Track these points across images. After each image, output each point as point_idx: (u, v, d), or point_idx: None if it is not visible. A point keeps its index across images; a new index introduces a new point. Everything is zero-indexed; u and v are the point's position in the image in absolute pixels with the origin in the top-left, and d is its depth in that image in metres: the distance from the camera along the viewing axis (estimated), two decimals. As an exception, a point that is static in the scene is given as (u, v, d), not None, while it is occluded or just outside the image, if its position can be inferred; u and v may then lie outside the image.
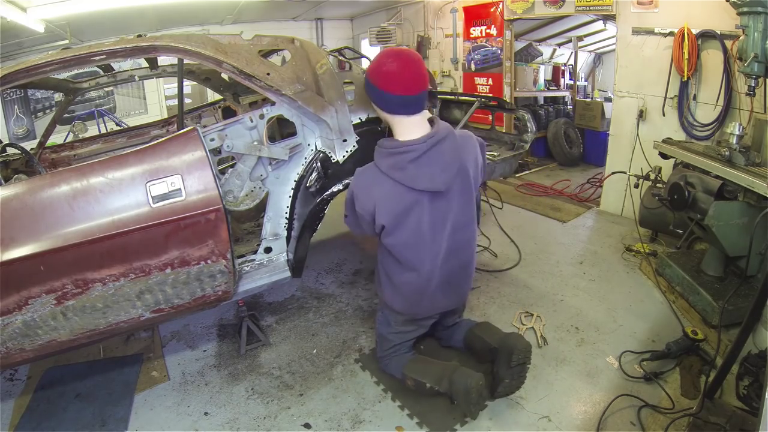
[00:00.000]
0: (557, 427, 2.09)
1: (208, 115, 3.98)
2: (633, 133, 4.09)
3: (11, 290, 1.79)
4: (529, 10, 5.00)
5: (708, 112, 3.50)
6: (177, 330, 2.92)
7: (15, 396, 2.41)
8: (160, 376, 2.51)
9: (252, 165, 2.27)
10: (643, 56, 3.91)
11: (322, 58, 2.46)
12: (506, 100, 4.26)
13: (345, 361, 2.56)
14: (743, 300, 2.50)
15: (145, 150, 1.99)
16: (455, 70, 6.24)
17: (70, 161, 3.38)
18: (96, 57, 2.12)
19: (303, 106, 2.32)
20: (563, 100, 7.18)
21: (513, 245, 3.86)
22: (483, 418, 2.14)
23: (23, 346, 1.93)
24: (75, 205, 1.84)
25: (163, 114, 7.02)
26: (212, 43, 2.23)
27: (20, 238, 1.77)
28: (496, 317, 2.89)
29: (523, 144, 3.28)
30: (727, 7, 2.86)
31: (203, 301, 2.21)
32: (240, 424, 2.18)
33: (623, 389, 2.27)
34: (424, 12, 6.49)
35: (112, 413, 2.25)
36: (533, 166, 6.26)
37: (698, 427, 1.88)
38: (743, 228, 2.47)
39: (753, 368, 2.05)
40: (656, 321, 2.81)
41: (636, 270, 3.43)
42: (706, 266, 2.89)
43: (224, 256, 2.09)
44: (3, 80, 1.97)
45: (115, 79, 3.36)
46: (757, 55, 2.53)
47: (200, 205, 1.98)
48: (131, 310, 2.04)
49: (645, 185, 3.59)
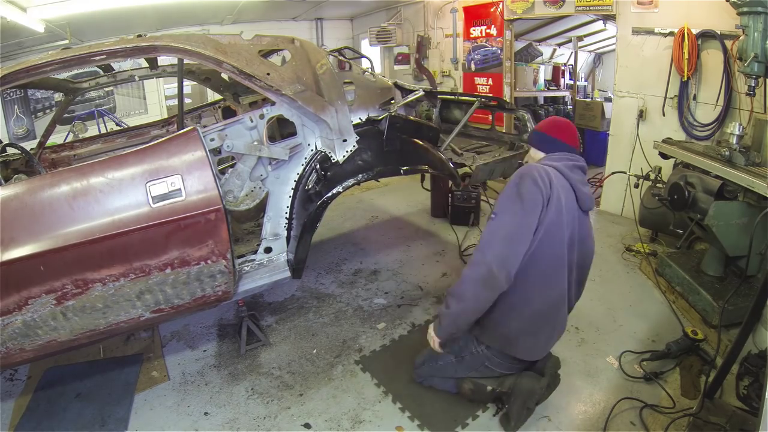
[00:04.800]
0: (557, 427, 2.09)
1: (208, 115, 3.98)
2: (633, 133, 4.09)
3: (11, 290, 1.78)
4: (529, 10, 5.00)
5: (708, 112, 3.50)
6: (177, 330, 2.91)
7: (15, 396, 2.41)
8: (160, 376, 2.51)
9: (252, 165, 2.27)
10: (643, 56, 3.91)
11: (322, 58, 2.46)
12: (506, 100, 4.26)
13: (345, 362, 2.56)
14: (743, 300, 2.50)
15: (145, 150, 1.99)
16: (455, 70, 6.24)
17: (70, 161, 3.38)
18: (96, 57, 2.12)
19: (303, 106, 2.32)
20: (563, 100, 7.18)
21: (513, 245, 3.85)
22: (483, 418, 2.15)
23: (23, 346, 1.93)
24: (75, 205, 1.84)
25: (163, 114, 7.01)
26: (212, 43, 2.23)
27: (20, 238, 1.77)
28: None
29: (523, 144, 3.27)
30: (727, 7, 2.86)
31: (203, 301, 2.21)
32: (240, 424, 2.18)
33: (623, 389, 2.27)
34: (424, 12, 6.49)
35: (112, 413, 2.25)
36: (533, 166, 6.25)
37: (698, 427, 1.88)
38: (743, 228, 2.47)
39: (753, 368, 2.05)
40: (656, 321, 2.81)
41: (636, 270, 3.43)
42: (706, 266, 2.89)
43: (224, 256, 2.09)
44: (3, 80, 1.97)
45: (115, 79, 3.36)
46: (757, 55, 2.53)
47: (200, 205, 1.98)
48: (131, 310, 2.04)
49: (645, 185, 3.59)
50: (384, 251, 3.91)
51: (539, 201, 1.74)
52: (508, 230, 1.75)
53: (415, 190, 5.09)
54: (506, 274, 1.73)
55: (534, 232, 1.75)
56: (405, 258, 3.75)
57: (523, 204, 1.74)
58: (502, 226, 1.77)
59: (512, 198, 1.78)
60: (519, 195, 1.76)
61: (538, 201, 1.74)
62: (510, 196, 1.79)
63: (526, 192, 1.74)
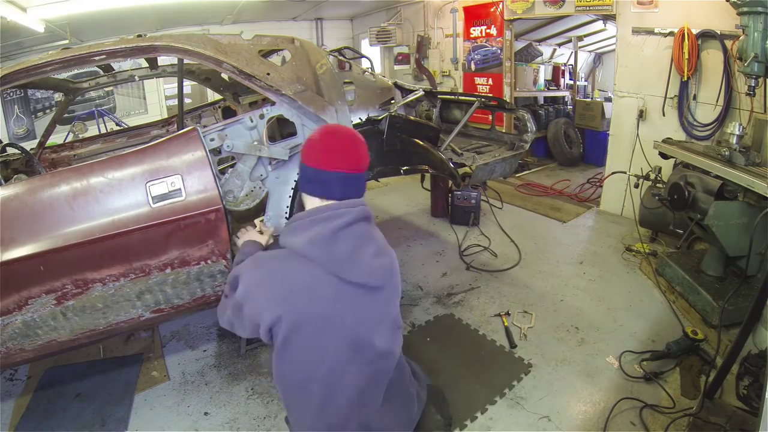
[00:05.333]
0: (557, 427, 2.09)
1: (208, 115, 3.98)
2: (633, 133, 4.09)
3: (11, 290, 1.78)
4: (529, 10, 5.00)
5: (708, 112, 3.50)
6: (177, 330, 2.91)
7: (15, 396, 2.41)
8: (160, 376, 2.51)
9: (252, 165, 2.27)
10: (643, 56, 3.91)
11: (322, 58, 2.46)
12: (506, 100, 4.26)
13: (345, 361, 2.56)
14: (743, 300, 2.50)
15: (145, 150, 1.99)
16: (455, 70, 6.24)
17: (70, 161, 3.38)
18: (96, 57, 2.12)
19: (303, 105, 2.32)
20: (563, 100, 7.18)
21: (513, 245, 3.86)
22: (483, 418, 2.14)
23: (23, 346, 1.93)
24: (75, 205, 1.84)
25: (163, 114, 7.00)
26: (212, 43, 2.23)
27: (20, 238, 1.77)
28: (496, 317, 2.89)
29: (523, 144, 3.27)
30: (727, 7, 2.86)
31: (203, 301, 2.21)
32: (240, 424, 2.18)
33: (623, 389, 2.27)
34: (424, 12, 6.49)
35: (112, 413, 2.25)
36: (533, 166, 6.27)
37: (698, 427, 1.88)
38: (743, 228, 2.47)
39: (753, 368, 2.05)
40: (656, 321, 2.81)
41: (636, 270, 3.43)
42: (706, 266, 2.89)
43: (224, 256, 2.09)
44: (3, 80, 1.97)
45: (115, 79, 3.35)
46: (757, 55, 2.53)
47: (200, 205, 1.98)
48: (131, 310, 2.04)
49: (645, 185, 3.59)
50: (384, 251, 3.90)
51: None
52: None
53: (415, 190, 5.09)
54: None
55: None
56: (405, 258, 3.75)
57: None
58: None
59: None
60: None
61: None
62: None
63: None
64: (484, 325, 2.84)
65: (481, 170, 2.94)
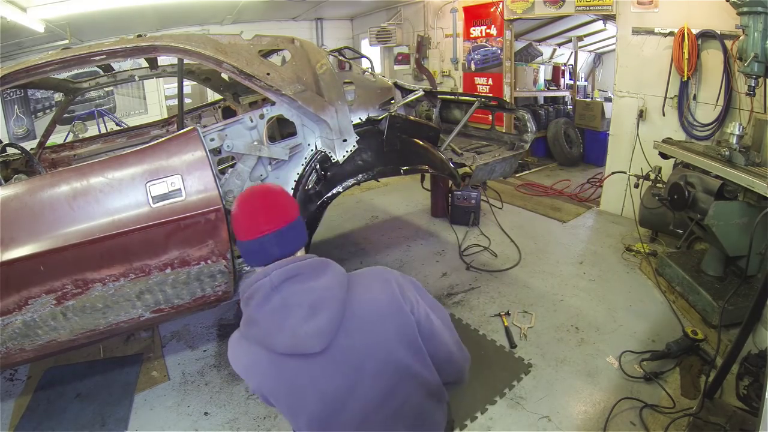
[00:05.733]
0: (557, 427, 2.09)
1: (208, 115, 3.98)
2: (633, 133, 4.09)
3: (11, 290, 1.78)
4: (529, 10, 5.00)
5: (708, 112, 3.50)
6: (177, 330, 2.91)
7: (15, 396, 2.41)
8: (160, 376, 2.51)
9: (252, 165, 2.27)
10: (643, 56, 3.91)
11: (322, 58, 2.46)
12: (506, 100, 4.26)
13: (345, 361, 2.56)
14: (743, 300, 2.50)
15: (145, 150, 1.99)
16: (455, 70, 6.24)
17: (70, 161, 3.38)
18: (96, 57, 2.12)
19: (303, 106, 2.32)
20: (563, 100, 7.18)
21: (513, 245, 3.86)
22: (483, 418, 2.14)
23: (23, 346, 1.93)
24: (75, 205, 1.84)
25: (163, 114, 7.00)
26: (212, 43, 2.23)
27: (20, 238, 1.76)
28: (496, 317, 2.89)
29: (523, 144, 3.27)
30: (727, 7, 2.86)
31: (203, 301, 2.21)
32: (240, 424, 2.18)
33: (623, 389, 2.27)
34: (424, 12, 6.49)
35: (112, 413, 2.25)
36: (533, 166, 6.26)
37: (698, 427, 1.88)
38: (743, 228, 2.47)
39: (753, 368, 2.05)
40: (656, 321, 2.81)
41: (636, 270, 3.43)
42: (706, 266, 2.89)
43: (224, 256, 2.09)
44: (3, 80, 1.97)
45: (115, 79, 3.36)
46: (757, 55, 2.53)
47: (200, 205, 1.98)
48: (131, 310, 2.04)
49: (645, 185, 3.59)
50: (384, 251, 3.91)
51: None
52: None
53: (415, 190, 5.09)
54: None
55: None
56: (405, 258, 3.75)
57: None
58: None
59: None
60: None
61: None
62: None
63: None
64: (484, 325, 2.84)
65: (481, 170, 2.94)
